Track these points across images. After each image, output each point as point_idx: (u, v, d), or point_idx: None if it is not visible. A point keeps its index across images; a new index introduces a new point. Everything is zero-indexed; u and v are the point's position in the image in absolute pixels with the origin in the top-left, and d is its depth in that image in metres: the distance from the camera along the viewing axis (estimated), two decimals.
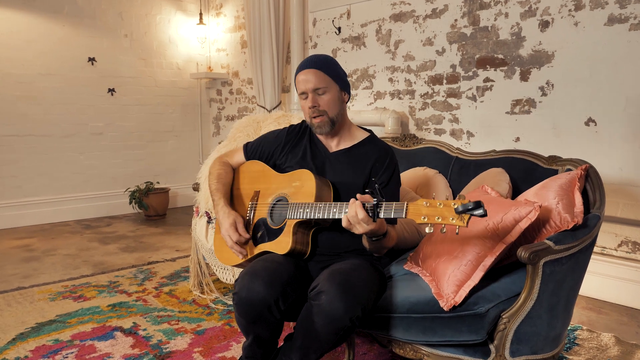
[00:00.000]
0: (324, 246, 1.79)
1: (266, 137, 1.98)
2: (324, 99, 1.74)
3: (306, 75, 1.74)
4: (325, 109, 1.74)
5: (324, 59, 1.78)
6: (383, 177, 1.77)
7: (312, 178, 1.70)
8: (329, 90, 1.75)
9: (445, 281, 1.67)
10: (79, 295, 2.94)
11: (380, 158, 1.79)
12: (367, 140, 1.85)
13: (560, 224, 1.66)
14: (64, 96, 4.84)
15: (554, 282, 1.64)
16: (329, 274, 1.56)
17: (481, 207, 1.28)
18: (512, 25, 3.08)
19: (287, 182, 1.79)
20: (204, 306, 2.77)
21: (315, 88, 1.73)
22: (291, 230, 1.69)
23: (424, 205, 1.37)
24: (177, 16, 5.52)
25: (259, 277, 1.58)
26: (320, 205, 1.61)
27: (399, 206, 1.43)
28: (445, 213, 1.33)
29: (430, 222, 1.35)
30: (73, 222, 4.92)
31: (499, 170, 2.17)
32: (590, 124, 2.81)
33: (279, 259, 1.69)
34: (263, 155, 1.96)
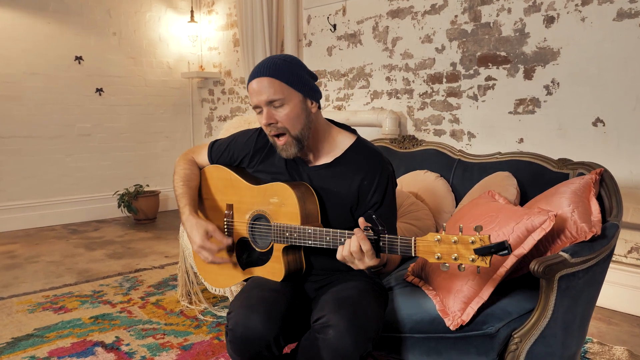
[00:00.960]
0: (319, 265, 1.59)
1: (235, 140, 1.68)
2: (281, 113, 1.41)
3: (258, 85, 1.40)
4: (286, 125, 1.41)
5: (281, 62, 1.43)
6: (374, 198, 1.48)
7: (293, 195, 1.44)
8: (287, 101, 1.40)
9: (451, 297, 1.53)
10: (60, 307, 2.78)
11: (369, 175, 1.48)
12: (352, 149, 1.52)
13: (576, 234, 1.52)
14: (49, 96, 4.67)
15: (570, 297, 1.50)
16: (335, 304, 1.37)
17: (506, 248, 1.13)
18: (516, 21, 2.94)
19: (263, 197, 1.53)
20: (192, 318, 2.61)
21: (270, 100, 1.40)
22: (281, 256, 1.49)
23: (435, 243, 1.20)
24: (168, 14, 5.36)
25: (256, 311, 1.38)
26: (309, 231, 1.39)
27: (406, 243, 1.24)
28: (462, 251, 1.18)
29: (445, 262, 1.20)
30: (59, 226, 4.75)
31: (506, 175, 2.04)
32: (598, 124, 2.67)
33: (275, 286, 1.50)
34: (229, 161, 1.68)
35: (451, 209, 2.24)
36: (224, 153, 1.69)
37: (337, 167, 1.51)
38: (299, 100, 1.43)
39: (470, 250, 1.17)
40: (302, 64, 1.48)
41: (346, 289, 1.47)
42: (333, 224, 1.50)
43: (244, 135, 1.68)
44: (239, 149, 1.66)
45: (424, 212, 2.21)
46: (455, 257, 1.18)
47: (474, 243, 1.17)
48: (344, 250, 1.30)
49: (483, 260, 1.16)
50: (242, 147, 1.65)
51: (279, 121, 1.42)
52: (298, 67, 1.45)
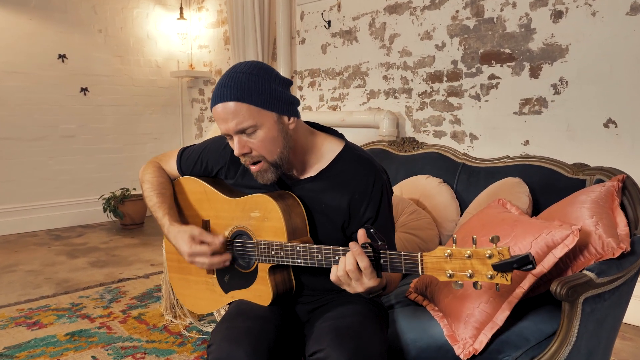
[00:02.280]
0: (311, 284, 1.40)
1: (208, 149, 1.48)
2: (255, 140, 1.22)
3: (224, 111, 1.19)
4: (262, 152, 1.23)
5: (246, 78, 1.20)
6: (368, 212, 1.30)
7: (276, 207, 1.26)
8: (260, 126, 1.20)
9: (462, 322, 1.35)
10: (35, 322, 2.58)
11: (360, 186, 1.29)
12: (339, 159, 1.33)
13: (602, 250, 1.35)
14: (31, 96, 4.46)
15: (595, 321, 1.34)
16: (334, 336, 1.19)
17: (530, 262, 0.94)
18: (521, 16, 2.78)
19: (242, 210, 1.35)
20: (176, 334, 2.43)
21: (239, 129, 1.20)
22: (267, 277, 1.30)
23: (445, 257, 1.03)
24: (156, 10, 5.16)
25: (240, 346, 1.20)
26: (298, 248, 1.21)
27: (411, 259, 1.06)
28: (478, 267, 1.00)
29: (458, 280, 1.02)
30: (42, 232, 4.54)
31: (517, 181, 1.87)
32: (609, 125, 2.51)
33: (262, 312, 1.32)
34: (203, 172, 1.49)
35: (455, 218, 2.06)
36: (195, 164, 1.49)
37: (325, 180, 1.32)
38: (274, 121, 1.22)
39: (487, 265, 0.99)
40: (271, 73, 1.25)
41: (345, 315, 1.28)
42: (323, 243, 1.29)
43: (217, 143, 1.45)
44: (213, 160, 1.45)
45: (426, 221, 2.04)
46: (470, 274, 1.01)
47: (491, 257, 0.99)
48: (339, 269, 1.11)
49: (503, 277, 0.98)
50: (216, 158, 1.44)
51: (254, 149, 1.23)
52: (266, 81, 1.22)
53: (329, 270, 1.18)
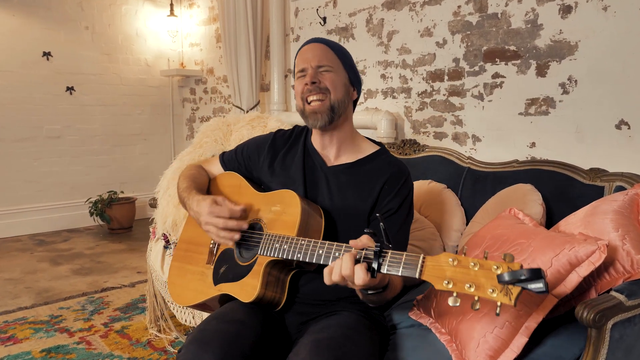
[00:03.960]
0: (308, 292, 1.33)
1: (247, 144, 1.57)
2: (328, 77, 1.36)
3: (311, 49, 1.38)
4: (328, 86, 1.35)
5: (332, 41, 1.43)
6: (392, 203, 1.32)
7: (298, 203, 1.27)
8: (335, 70, 1.37)
9: (473, 349, 1.20)
10: (9, 336, 2.42)
11: (393, 178, 1.35)
12: (377, 154, 1.42)
13: (631, 268, 1.21)
14: (14, 95, 4.28)
15: (624, 349, 1.19)
16: (313, 349, 1.10)
17: (542, 278, 0.81)
18: (527, 12, 2.63)
19: (266, 204, 1.37)
20: (160, 350, 2.27)
21: (320, 65, 1.35)
22: (261, 271, 1.24)
23: (450, 264, 0.91)
24: (146, 7, 4.99)
25: (209, 348, 1.12)
26: (302, 242, 1.18)
27: (411, 261, 0.97)
28: (481, 280, 0.87)
29: (456, 292, 0.89)
30: (26, 237, 4.36)
31: (528, 188, 1.72)
32: (622, 127, 2.37)
33: (240, 316, 1.23)
34: (242, 167, 1.54)
35: (461, 227, 1.91)
36: (235, 159, 1.56)
37: (359, 169, 1.39)
38: (345, 77, 1.40)
39: (492, 279, 0.86)
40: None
41: (328, 327, 1.21)
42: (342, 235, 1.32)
43: (255, 139, 1.58)
44: (251, 152, 1.53)
45: (429, 230, 1.89)
46: (470, 286, 0.87)
47: (497, 270, 0.86)
48: (334, 274, 1.05)
49: (507, 295, 0.84)
50: (254, 150, 1.52)
51: (322, 81, 1.35)
52: (349, 54, 1.45)
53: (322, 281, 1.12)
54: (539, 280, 0.80)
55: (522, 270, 0.82)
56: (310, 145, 1.47)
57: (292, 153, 1.47)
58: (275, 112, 4.02)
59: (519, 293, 0.83)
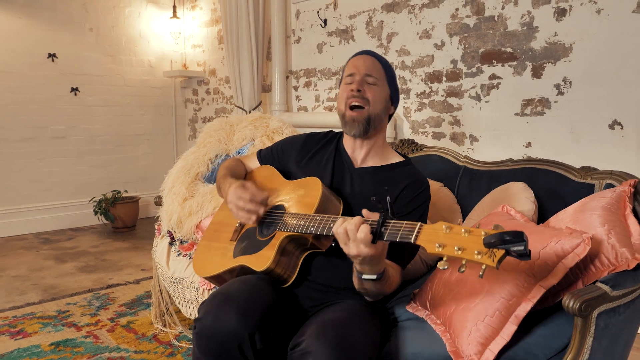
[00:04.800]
0: (317, 278, 1.41)
1: (282, 141, 1.72)
2: (373, 90, 1.47)
3: (364, 59, 1.50)
4: (370, 98, 1.46)
5: (385, 59, 1.56)
6: (405, 207, 1.41)
7: (319, 188, 1.39)
8: (380, 85, 1.48)
9: (466, 337, 1.26)
10: (19, 331, 2.48)
11: (412, 185, 1.45)
12: (402, 164, 1.54)
13: (615, 261, 1.27)
14: (20, 96, 4.35)
15: (609, 337, 1.25)
16: (318, 328, 1.18)
17: (523, 241, 0.87)
18: (523, 14, 2.69)
19: (292, 189, 1.50)
20: (165, 344, 2.33)
21: (368, 73, 1.47)
22: (277, 244, 1.34)
23: (443, 231, 0.98)
24: (149, 9, 5.05)
25: (232, 302, 1.22)
26: (317, 217, 1.27)
27: (409, 227, 1.05)
28: (469, 244, 0.93)
29: (445, 254, 0.96)
30: (31, 235, 4.43)
31: (521, 186, 1.78)
32: (615, 127, 2.43)
33: (259, 284, 1.33)
34: (276, 161, 1.68)
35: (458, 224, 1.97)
36: (273, 152, 1.69)
37: (383, 174, 1.49)
38: (387, 92, 1.50)
39: (479, 243, 0.92)
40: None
41: (334, 311, 1.29)
42: None
43: (289, 138, 1.72)
44: (285, 148, 1.66)
45: None
46: (458, 249, 0.94)
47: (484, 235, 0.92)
48: (340, 227, 1.14)
49: (491, 257, 0.90)
50: (288, 147, 1.65)
51: (366, 92, 1.45)
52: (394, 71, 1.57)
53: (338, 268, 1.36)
54: (520, 243, 0.86)
55: (506, 232, 0.88)
56: (341, 147, 1.58)
57: (324, 152, 1.59)
58: (277, 112, 4.08)
59: (502, 256, 0.89)
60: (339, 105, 1.50)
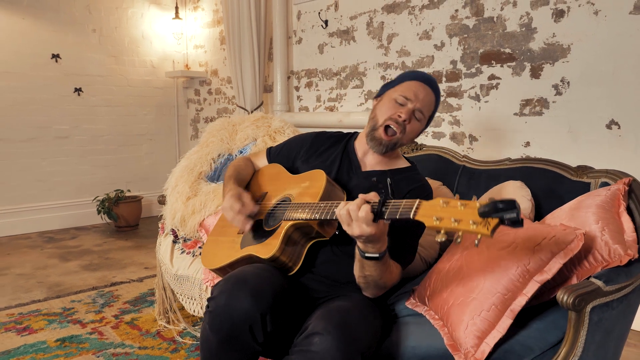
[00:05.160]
0: (322, 270, 1.46)
1: (291, 139, 1.77)
2: (414, 125, 1.51)
3: (425, 92, 1.51)
4: (407, 132, 1.50)
5: (439, 89, 1.59)
6: None
7: (323, 178, 1.44)
8: (422, 121, 1.53)
9: (463, 331, 1.30)
10: (25, 327, 2.52)
11: (416, 189, 1.51)
12: (408, 170, 1.59)
13: (609, 257, 1.30)
14: (23, 96, 4.39)
15: (602, 331, 1.28)
16: (323, 312, 1.25)
17: (515, 208, 0.90)
18: (522, 16, 2.73)
19: (297, 182, 1.55)
20: (169, 340, 2.37)
21: (421, 109, 1.50)
22: (282, 233, 1.38)
23: (440, 205, 1.02)
24: (151, 10, 5.10)
25: (246, 284, 1.27)
26: (320, 204, 1.32)
27: (408, 204, 1.09)
28: (465, 215, 0.97)
29: (443, 227, 0.99)
30: (35, 234, 4.47)
31: (518, 184, 1.81)
32: (612, 126, 2.46)
33: (270, 269, 1.38)
34: (285, 157, 1.72)
35: None
36: (281, 150, 1.73)
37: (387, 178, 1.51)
38: (423, 126, 1.56)
39: (474, 214, 0.95)
40: None
41: (340, 301, 1.36)
42: None
43: (298, 136, 1.76)
44: (294, 145, 1.70)
45: None
46: (455, 220, 0.97)
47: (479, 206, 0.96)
48: (343, 208, 1.19)
49: (486, 226, 0.93)
50: (297, 144, 1.70)
51: (408, 126, 1.49)
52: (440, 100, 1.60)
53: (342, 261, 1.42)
54: (512, 210, 0.89)
55: (499, 200, 0.92)
56: (351, 148, 1.61)
57: (332, 150, 1.62)
58: (279, 112, 4.12)
59: (496, 224, 0.92)
60: (378, 116, 1.52)
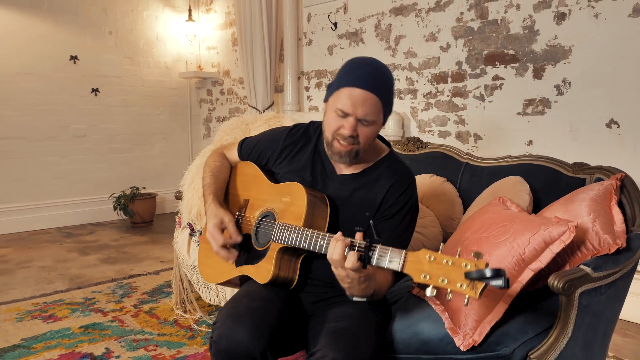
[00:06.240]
0: (318, 275, 1.48)
1: (263, 136, 1.67)
2: (365, 132, 1.36)
3: (363, 97, 1.32)
4: (362, 142, 1.37)
5: (384, 77, 1.36)
6: (390, 209, 1.42)
7: (304, 195, 1.39)
8: (375, 124, 1.37)
9: (462, 315, 1.41)
10: (50, 315, 2.66)
11: (396, 185, 1.43)
12: (384, 160, 1.49)
13: (599, 246, 1.40)
14: (43, 97, 4.56)
15: (591, 315, 1.39)
16: (332, 338, 1.29)
17: (502, 276, 0.97)
18: (525, 18, 2.82)
19: (277, 194, 1.51)
20: (186, 328, 2.50)
21: (364, 117, 1.33)
22: (274, 256, 1.40)
23: (427, 260, 1.07)
24: (165, 12, 5.24)
25: (242, 323, 1.31)
26: (307, 233, 1.32)
27: (395, 255, 1.12)
28: (452, 275, 1.04)
29: (432, 284, 1.06)
30: (54, 229, 4.63)
31: (518, 180, 1.91)
32: (612, 125, 2.55)
33: (266, 294, 1.41)
34: (257, 158, 1.64)
35: (459, 216, 2.11)
36: (252, 150, 1.66)
37: (365, 178, 1.47)
38: (380, 124, 1.40)
39: (461, 275, 1.02)
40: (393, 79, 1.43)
41: (343, 317, 1.38)
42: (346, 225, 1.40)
43: (273, 132, 1.66)
44: (266, 146, 1.62)
45: (430, 219, 2.09)
46: (443, 280, 1.04)
47: (466, 267, 1.03)
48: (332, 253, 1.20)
49: (473, 289, 1.01)
50: (269, 144, 1.61)
51: (361, 136, 1.36)
52: (391, 83, 1.40)
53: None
54: (499, 279, 0.97)
55: (486, 269, 0.98)
56: (321, 148, 1.51)
57: (304, 152, 1.54)
58: (289, 112, 4.24)
59: (482, 288, 1.00)
60: (326, 131, 1.41)
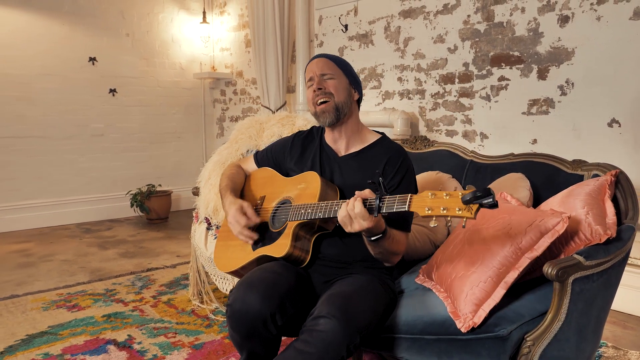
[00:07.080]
0: (328, 255, 1.66)
1: (274, 144, 1.93)
2: (331, 83, 1.67)
3: (316, 62, 1.71)
4: (332, 91, 1.67)
5: (337, 56, 1.76)
6: (395, 179, 1.64)
7: (318, 179, 1.61)
8: (336, 77, 1.69)
9: (463, 299, 1.51)
10: (74, 305, 2.81)
11: (392, 159, 1.67)
12: (378, 142, 1.74)
13: (591, 236, 1.50)
14: (63, 97, 4.73)
15: (584, 301, 1.48)
16: (328, 297, 1.45)
17: (491, 195, 1.14)
18: (529, 21, 2.91)
19: (293, 184, 1.70)
20: (203, 317, 2.63)
21: (323, 73, 1.67)
22: (291, 233, 1.57)
23: (429, 197, 1.25)
24: (180, 15, 5.39)
25: (255, 288, 1.47)
26: (322, 204, 1.51)
27: (402, 199, 1.31)
28: (451, 204, 1.20)
29: (434, 215, 1.22)
30: (73, 225, 4.80)
31: (519, 176, 2.01)
32: (613, 125, 2.63)
33: (278, 269, 1.57)
34: (272, 162, 1.89)
35: None
36: (266, 156, 1.90)
37: (364, 155, 1.70)
38: (346, 81, 1.70)
39: (458, 202, 1.19)
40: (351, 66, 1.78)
41: (343, 285, 1.53)
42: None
43: (280, 140, 1.93)
44: (278, 150, 1.87)
45: None
46: (443, 208, 1.20)
47: (461, 195, 1.19)
48: (343, 210, 1.39)
49: (469, 211, 1.17)
50: (281, 148, 1.87)
51: (327, 88, 1.66)
52: (348, 64, 1.76)
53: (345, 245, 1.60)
54: (489, 197, 1.13)
55: (477, 191, 1.15)
56: (324, 142, 1.78)
57: (310, 149, 1.79)
58: (301, 112, 4.36)
59: (477, 208, 1.16)
60: (310, 107, 1.71)
